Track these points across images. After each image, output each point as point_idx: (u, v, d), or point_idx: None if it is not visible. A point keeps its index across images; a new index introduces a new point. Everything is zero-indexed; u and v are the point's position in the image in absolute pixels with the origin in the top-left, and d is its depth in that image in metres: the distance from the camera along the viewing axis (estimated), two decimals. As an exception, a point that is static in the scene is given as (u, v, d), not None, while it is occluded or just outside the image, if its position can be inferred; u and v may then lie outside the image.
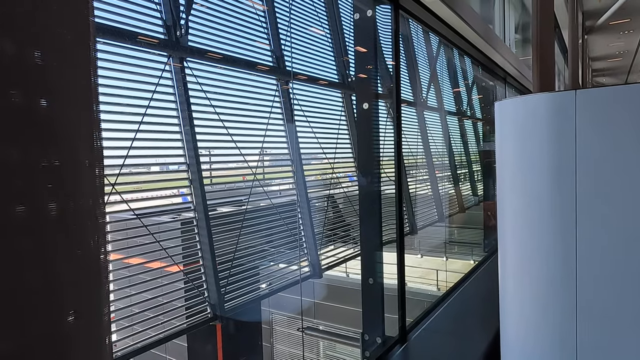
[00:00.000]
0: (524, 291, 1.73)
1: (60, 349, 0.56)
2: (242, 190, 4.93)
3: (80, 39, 0.62)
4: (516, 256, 1.75)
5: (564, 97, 1.51)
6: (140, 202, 3.77)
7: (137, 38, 3.63)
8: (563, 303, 1.57)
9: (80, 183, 0.59)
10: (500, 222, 1.82)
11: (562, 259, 1.57)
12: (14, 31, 0.53)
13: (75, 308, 0.57)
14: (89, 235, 0.60)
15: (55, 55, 0.58)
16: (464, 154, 8.84)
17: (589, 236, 1.51)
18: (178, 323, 4.11)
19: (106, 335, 0.62)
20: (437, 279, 8.34)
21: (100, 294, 0.61)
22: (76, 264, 0.58)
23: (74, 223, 0.58)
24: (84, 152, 0.61)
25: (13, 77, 0.53)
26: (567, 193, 1.52)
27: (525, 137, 1.66)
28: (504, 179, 1.80)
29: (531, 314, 1.70)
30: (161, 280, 3.92)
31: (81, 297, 0.59)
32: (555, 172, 1.57)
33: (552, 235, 1.59)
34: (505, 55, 5.46)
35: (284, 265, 5.24)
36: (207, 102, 4.21)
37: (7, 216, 0.52)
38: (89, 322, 0.59)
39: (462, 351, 2.37)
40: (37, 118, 0.55)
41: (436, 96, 7.69)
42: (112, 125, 3.47)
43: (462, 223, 8.65)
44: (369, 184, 2.47)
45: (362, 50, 2.54)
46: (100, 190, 0.62)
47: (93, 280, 0.60)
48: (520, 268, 1.73)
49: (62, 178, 0.57)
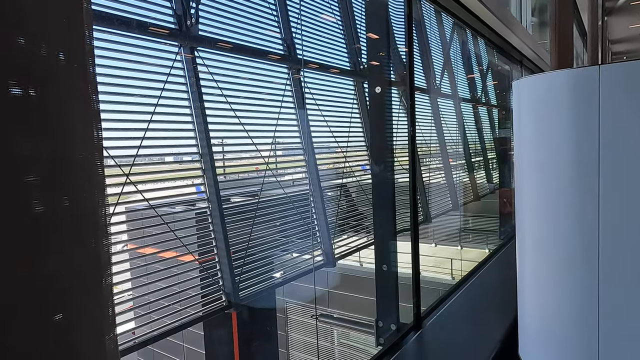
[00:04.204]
0: (543, 274, 1.69)
1: (52, 349, 0.54)
2: (254, 180, 4.94)
3: (74, 27, 0.58)
4: (535, 239, 1.71)
5: (587, 73, 1.45)
6: (154, 192, 3.81)
7: (148, 29, 3.63)
8: (585, 286, 1.53)
9: (76, 177, 0.56)
10: (519, 204, 1.77)
11: (584, 241, 1.52)
12: (1, 18, 0.50)
13: (68, 307, 0.55)
14: (87, 231, 0.57)
15: (45, 43, 0.55)
16: (479, 142, 8.71)
17: (612, 217, 1.46)
18: (194, 311, 4.17)
19: (108, 334, 0.59)
20: (451, 267, 8.29)
21: (100, 292, 0.59)
22: (71, 261, 0.55)
23: (70, 219, 0.55)
24: (79, 145, 0.57)
25: (1, 66, 0.50)
26: (590, 173, 1.47)
27: (545, 115, 1.60)
28: (522, 161, 1.76)
29: (551, 298, 1.66)
30: (177, 270, 3.97)
31: (74, 296, 0.56)
32: (577, 152, 1.52)
33: (573, 217, 1.54)
34: (521, 36, 5.32)
35: (297, 254, 5.25)
36: (218, 92, 4.20)
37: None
38: (88, 320, 0.57)
39: (478, 337, 2.35)
40: (26, 109, 0.52)
41: (450, 83, 7.56)
42: (125, 116, 3.48)
43: (477, 211, 8.56)
44: (382, 171, 2.44)
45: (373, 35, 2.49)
46: (100, 185, 0.59)
47: (93, 278, 0.58)
48: (539, 251, 1.69)
49: (55, 172, 0.54)
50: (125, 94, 3.46)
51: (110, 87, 3.32)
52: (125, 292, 3.71)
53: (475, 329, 2.45)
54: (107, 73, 3.30)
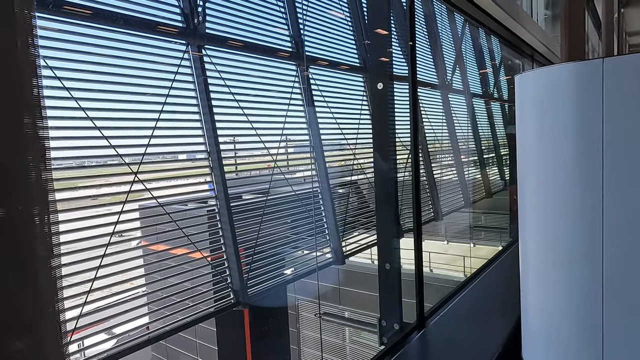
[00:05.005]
0: (546, 274, 1.65)
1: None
2: (262, 178, 4.95)
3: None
4: (537, 237, 1.67)
5: (591, 66, 1.40)
6: (162, 190, 3.84)
7: (156, 28, 3.65)
8: (589, 286, 1.49)
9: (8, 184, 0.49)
10: (521, 203, 1.73)
11: (588, 239, 1.47)
12: None
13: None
14: (26, 242, 0.50)
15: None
16: (491, 138, 8.58)
17: (616, 215, 1.41)
18: (203, 308, 4.20)
19: (57, 351, 0.53)
20: (463, 265, 8.21)
21: (44, 305, 0.52)
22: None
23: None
24: (7, 146, 0.51)
25: None
26: (594, 169, 1.43)
27: (547, 110, 1.55)
28: (524, 157, 1.71)
29: (554, 299, 1.62)
30: (185, 267, 4.00)
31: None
32: (580, 148, 1.48)
33: (577, 215, 1.50)
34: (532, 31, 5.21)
35: (306, 252, 5.25)
36: (226, 90, 4.21)
37: None
38: (32, 338, 0.50)
39: (481, 337, 2.31)
40: None
41: (462, 78, 7.46)
42: (133, 114, 3.51)
43: (489, 208, 8.45)
44: (385, 168, 2.40)
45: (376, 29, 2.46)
46: (43, 191, 0.52)
47: (34, 293, 0.51)
48: (542, 250, 1.64)
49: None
50: (133, 92, 3.49)
51: (117, 86, 3.35)
52: (140, 288, 3.76)
53: (478, 330, 2.41)
54: (115, 72, 3.33)
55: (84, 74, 3.10)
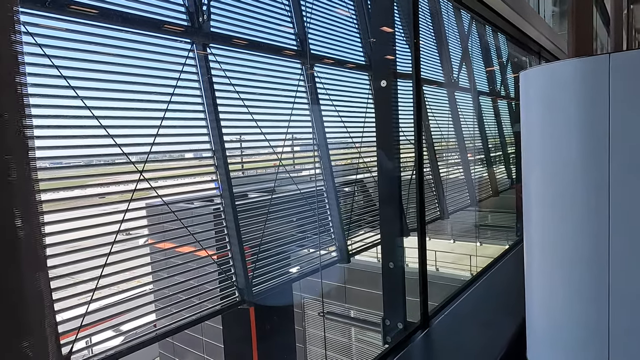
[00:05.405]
0: (552, 273, 1.63)
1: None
2: (268, 176, 4.95)
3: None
4: (542, 236, 1.64)
5: (597, 62, 1.38)
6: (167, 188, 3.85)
7: (161, 27, 3.66)
8: (594, 286, 1.46)
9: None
10: (526, 201, 1.71)
11: (593, 239, 1.45)
12: None
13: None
14: (9, 243, 0.47)
15: None
16: (498, 136, 8.52)
17: (623, 214, 1.38)
18: (209, 306, 4.21)
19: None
20: (470, 264, 8.17)
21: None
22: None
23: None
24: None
25: None
26: (600, 167, 1.40)
27: (552, 107, 1.53)
28: (529, 155, 1.69)
29: (559, 298, 1.60)
30: (190, 265, 4.02)
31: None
32: (586, 146, 1.45)
33: (582, 214, 1.47)
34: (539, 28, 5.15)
35: (311, 250, 5.25)
36: (231, 88, 4.22)
37: None
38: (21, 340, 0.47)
39: (486, 337, 2.29)
40: None
41: (468, 76, 7.40)
42: (138, 113, 3.53)
43: (496, 207, 8.39)
44: (388, 166, 2.39)
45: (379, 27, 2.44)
46: (29, 192, 0.47)
47: (26, 294, 0.48)
48: (547, 249, 1.62)
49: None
50: (139, 91, 3.50)
51: (123, 85, 3.37)
52: (147, 285, 3.79)
53: (483, 330, 2.39)
54: (120, 71, 3.34)
55: (90, 73, 3.12)
